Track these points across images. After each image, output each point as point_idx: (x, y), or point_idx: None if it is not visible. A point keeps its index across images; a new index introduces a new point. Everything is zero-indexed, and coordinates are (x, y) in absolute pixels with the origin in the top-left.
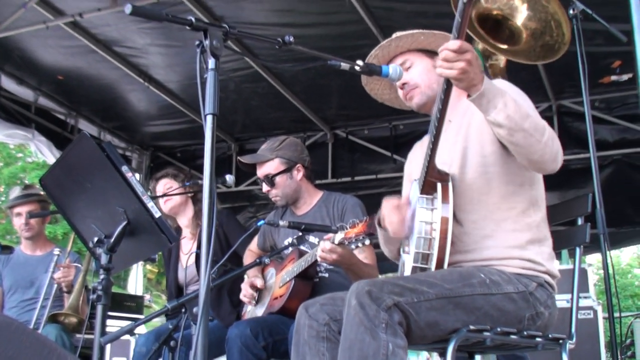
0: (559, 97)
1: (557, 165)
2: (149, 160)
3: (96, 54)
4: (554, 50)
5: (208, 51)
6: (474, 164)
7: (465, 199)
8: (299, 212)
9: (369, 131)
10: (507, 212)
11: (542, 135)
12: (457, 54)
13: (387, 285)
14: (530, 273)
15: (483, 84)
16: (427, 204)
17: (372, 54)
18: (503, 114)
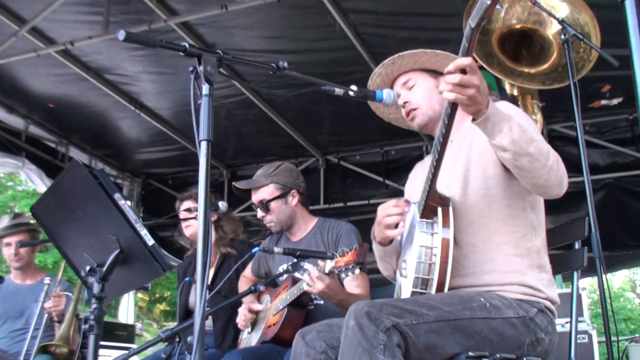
0: (550, 121)
1: (562, 190)
2: (141, 188)
3: (87, 82)
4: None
5: (202, 77)
6: (476, 186)
7: (465, 221)
8: (293, 238)
9: (360, 156)
10: (507, 236)
11: (547, 159)
12: (470, 74)
13: (386, 307)
14: (530, 299)
15: (488, 107)
16: (427, 228)
17: (376, 72)
18: (508, 138)
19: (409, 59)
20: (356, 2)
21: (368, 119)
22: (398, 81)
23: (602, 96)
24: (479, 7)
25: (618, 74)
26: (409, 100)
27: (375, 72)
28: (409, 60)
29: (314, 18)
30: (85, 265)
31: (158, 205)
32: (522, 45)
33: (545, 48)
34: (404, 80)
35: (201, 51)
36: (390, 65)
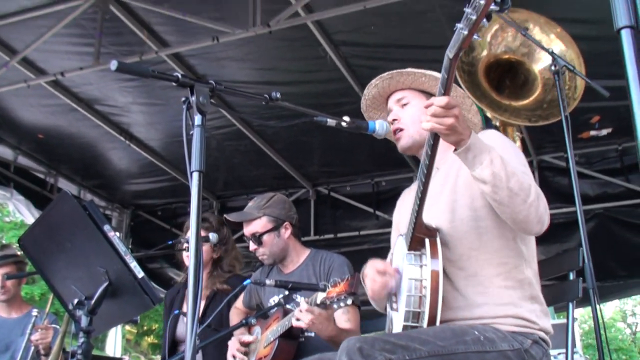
0: (540, 152)
1: (542, 228)
2: (130, 219)
3: (77, 113)
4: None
5: (194, 107)
6: (464, 217)
7: (455, 254)
8: (285, 270)
9: (351, 188)
10: (499, 268)
11: (527, 195)
12: (445, 109)
13: (379, 342)
14: (524, 330)
15: (470, 138)
16: (415, 261)
17: (373, 83)
18: (488, 170)
19: (407, 77)
20: (347, 34)
21: (358, 150)
22: (393, 96)
23: (591, 127)
24: (456, 37)
25: (607, 105)
26: (398, 118)
27: (372, 83)
28: (407, 78)
29: (305, 50)
30: (73, 298)
31: (147, 236)
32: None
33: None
34: (399, 97)
35: (194, 81)
36: (388, 80)
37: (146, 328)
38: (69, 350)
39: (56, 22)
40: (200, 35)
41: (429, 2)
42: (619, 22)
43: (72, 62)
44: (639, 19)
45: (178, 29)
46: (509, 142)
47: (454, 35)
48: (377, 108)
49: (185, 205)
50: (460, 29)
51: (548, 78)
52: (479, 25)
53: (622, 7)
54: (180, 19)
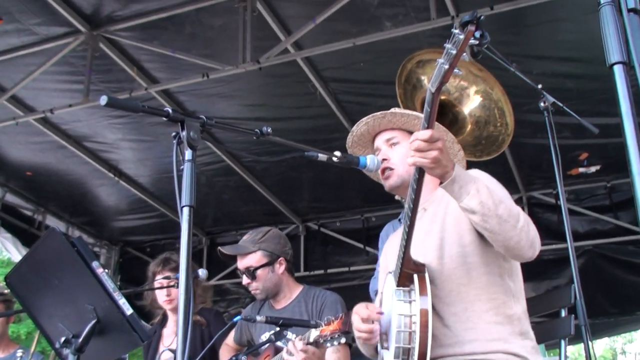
0: (529, 188)
1: (535, 252)
2: (118, 256)
3: (66, 150)
4: (497, 142)
5: (185, 142)
6: (452, 254)
7: (444, 290)
8: (277, 305)
9: (340, 223)
10: (487, 304)
11: (517, 221)
12: (429, 143)
13: None
14: None
15: (455, 170)
16: (404, 297)
17: (363, 121)
18: (476, 199)
19: (400, 118)
20: (336, 71)
21: (348, 185)
22: (382, 135)
23: (579, 164)
24: (437, 72)
25: (595, 142)
26: (388, 157)
27: (362, 120)
28: (399, 119)
29: (294, 86)
30: (60, 336)
31: (136, 273)
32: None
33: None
34: (388, 136)
35: (184, 116)
36: (380, 119)
37: None
38: None
39: (45, 60)
40: (189, 72)
41: (417, 40)
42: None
43: (61, 100)
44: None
45: (168, 66)
46: (493, 179)
47: (436, 70)
48: (362, 145)
49: (174, 242)
50: (441, 64)
51: (479, 116)
52: (459, 59)
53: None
54: (170, 55)
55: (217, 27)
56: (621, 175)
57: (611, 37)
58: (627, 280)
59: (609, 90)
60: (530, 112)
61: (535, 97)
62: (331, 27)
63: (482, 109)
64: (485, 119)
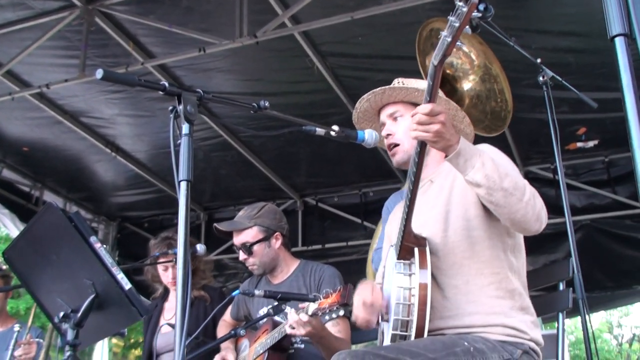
0: (527, 163)
1: (542, 225)
2: (116, 231)
3: (62, 125)
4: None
5: (182, 116)
6: (457, 227)
7: (447, 262)
8: (275, 280)
9: (338, 198)
10: (489, 277)
11: (522, 194)
12: (430, 116)
13: (369, 355)
14: (515, 340)
15: (459, 143)
16: (404, 270)
17: (364, 98)
18: (481, 173)
19: (399, 92)
20: (334, 45)
21: (346, 160)
22: (386, 109)
23: (577, 138)
24: (440, 45)
25: (593, 117)
26: (392, 133)
27: (364, 97)
28: (399, 93)
29: (292, 61)
30: (59, 311)
31: (134, 248)
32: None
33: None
34: (391, 111)
35: (181, 90)
36: (380, 94)
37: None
38: None
39: (41, 35)
40: (186, 46)
41: (416, 14)
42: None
43: (57, 75)
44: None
45: (164, 40)
46: (500, 152)
47: (439, 43)
48: (369, 120)
49: (172, 217)
50: (444, 37)
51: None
52: (461, 32)
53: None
54: (166, 30)
55: (213, 0)
56: (619, 150)
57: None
58: (624, 255)
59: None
60: (529, 86)
61: (534, 71)
62: (329, 1)
63: (482, 84)
64: (485, 94)
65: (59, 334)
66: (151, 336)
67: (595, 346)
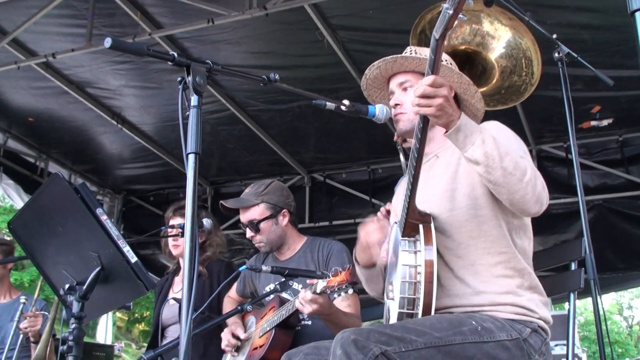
0: (539, 141)
1: (541, 208)
2: (121, 205)
3: (68, 96)
4: (519, 92)
5: (191, 88)
6: (463, 206)
7: (454, 242)
8: (282, 257)
9: (347, 175)
10: (497, 257)
11: (523, 174)
12: (433, 88)
13: (374, 334)
14: (523, 319)
15: (460, 119)
16: (409, 247)
17: (375, 65)
18: (480, 150)
19: (411, 62)
20: (345, 19)
21: (354, 136)
22: (396, 78)
23: (591, 117)
24: (442, 18)
25: (608, 95)
26: (401, 102)
27: (374, 64)
28: (411, 62)
29: (301, 34)
30: (65, 283)
31: (139, 222)
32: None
33: (487, 70)
34: (402, 80)
35: (190, 61)
36: (392, 62)
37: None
38: (60, 337)
39: (47, 3)
40: (194, 17)
41: None
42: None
43: (63, 44)
44: None
45: (172, 11)
46: (508, 130)
47: (440, 15)
48: (378, 87)
49: (177, 191)
50: (445, 9)
51: (505, 66)
52: (463, 5)
53: None
54: (174, 0)
55: None
56: (633, 129)
57: None
58: (637, 236)
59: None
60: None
61: (549, 47)
62: None
63: (508, 59)
64: (510, 69)
65: (64, 307)
66: (159, 308)
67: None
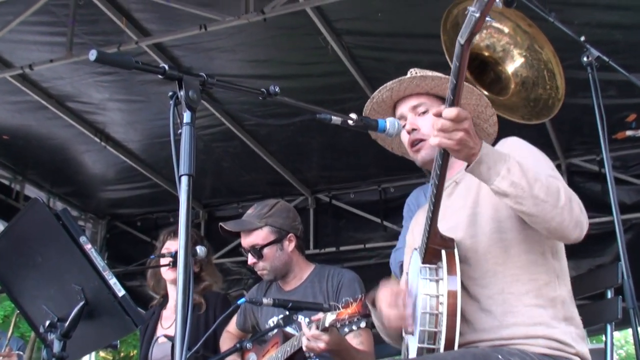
0: (569, 155)
1: (582, 232)
2: (105, 231)
3: (47, 111)
4: (547, 106)
5: (183, 103)
6: (487, 230)
7: (479, 271)
8: (287, 287)
9: (355, 195)
10: (527, 285)
11: (557, 199)
12: (455, 122)
13: None
14: (558, 354)
15: (481, 149)
16: (430, 275)
17: (387, 86)
18: (507, 181)
19: (429, 83)
20: (351, 22)
21: (363, 152)
22: (407, 102)
23: (627, 126)
24: (467, 21)
25: None
26: (418, 127)
27: (387, 85)
28: (428, 84)
29: (303, 40)
30: (45, 319)
31: (125, 250)
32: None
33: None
34: (415, 103)
35: (182, 74)
36: (409, 82)
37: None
38: None
39: (23, 9)
40: (185, 24)
41: None
42: None
43: (41, 54)
44: None
45: (161, 16)
46: (531, 147)
47: (466, 19)
48: (381, 113)
49: (167, 215)
50: (472, 12)
51: (526, 76)
52: (491, 7)
53: None
54: (163, 4)
55: None
56: None
57: None
58: None
59: None
60: (572, 67)
61: (577, 50)
62: None
63: (529, 69)
64: (533, 80)
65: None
66: (147, 347)
67: None
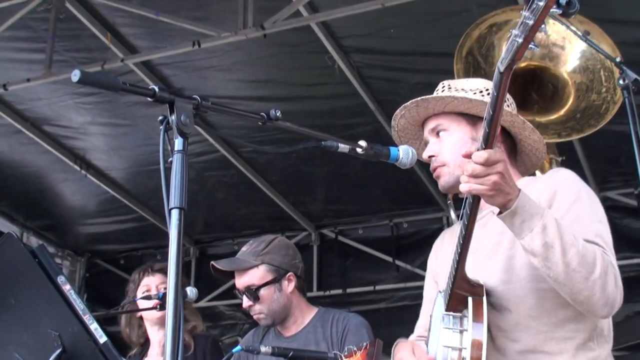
0: (604, 187)
1: (611, 311)
2: (85, 269)
3: (21, 135)
4: (598, 114)
5: (174, 128)
6: (523, 277)
7: (510, 322)
8: (286, 333)
9: (364, 231)
10: (562, 344)
11: (590, 271)
12: (487, 166)
13: None
14: None
15: (518, 199)
16: (454, 324)
17: (398, 114)
18: (539, 240)
19: (448, 104)
20: (360, 39)
21: (373, 183)
22: (428, 124)
23: None
24: (509, 46)
25: None
26: (435, 153)
27: (397, 114)
28: (448, 105)
29: (307, 58)
30: None
31: (106, 291)
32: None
33: (560, 89)
34: (432, 125)
35: (174, 97)
36: (425, 105)
37: None
38: None
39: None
40: (177, 39)
41: (464, 1)
42: None
43: (17, 72)
44: None
45: (149, 32)
46: (583, 187)
47: (507, 44)
48: (414, 137)
49: (154, 252)
50: (514, 37)
51: (580, 82)
52: (536, 32)
53: None
54: (152, 19)
55: None
56: None
57: None
58: None
59: None
60: None
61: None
62: None
63: (583, 73)
64: (587, 85)
65: None
66: None
67: None
